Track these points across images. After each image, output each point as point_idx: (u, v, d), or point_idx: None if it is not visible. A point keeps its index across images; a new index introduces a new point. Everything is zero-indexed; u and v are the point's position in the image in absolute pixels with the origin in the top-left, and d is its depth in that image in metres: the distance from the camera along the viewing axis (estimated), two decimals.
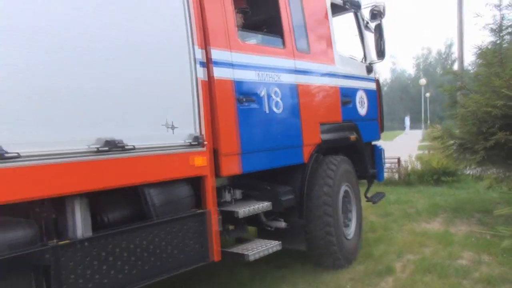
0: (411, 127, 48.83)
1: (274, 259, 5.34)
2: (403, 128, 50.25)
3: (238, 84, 4.19)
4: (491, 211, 7.49)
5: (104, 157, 3.07)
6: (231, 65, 4.13)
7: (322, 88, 5.37)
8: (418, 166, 11.92)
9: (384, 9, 6.25)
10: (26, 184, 2.66)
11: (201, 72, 3.80)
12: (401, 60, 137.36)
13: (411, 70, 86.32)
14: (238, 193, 4.59)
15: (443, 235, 6.42)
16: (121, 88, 3.19)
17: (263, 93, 4.45)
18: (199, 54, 3.79)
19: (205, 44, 3.90)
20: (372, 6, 6.38)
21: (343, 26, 7.09)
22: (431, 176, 11.23)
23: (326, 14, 5.69)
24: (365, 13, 6.65)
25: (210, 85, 3.91)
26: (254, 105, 4.34)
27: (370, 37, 6.82)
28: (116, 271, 3.14)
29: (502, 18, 7.28)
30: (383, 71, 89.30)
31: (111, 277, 3.10)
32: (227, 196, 4.45)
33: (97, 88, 3.04)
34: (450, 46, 71.38)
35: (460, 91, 8.20)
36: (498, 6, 7.27)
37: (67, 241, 2.93)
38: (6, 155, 2.55)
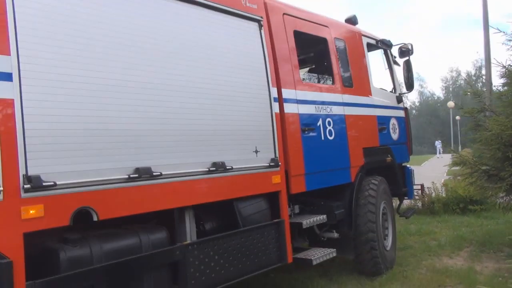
0: (443, 151, 48.25)
1: None
2: (433, 152, 48.42)
3: (302, 116, 5.08)
4: None
5: (212, 176, 3.93)
6: (296, 101, 5.04)
7: (363, 117, 6.23)
8: (443, 193, 11.06)
9: (412, 48, 7.14)
10: (166, 197, 3.52)
11: (276, 107, 4.70)
12: (429, 83, 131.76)
13: (439, 93, 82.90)
14: (296, 208, 5.40)
15: (466, 273, 5.84)
16: (226, 125, 4.14)
17: (320, 123, 5.32)
18: (274, 93, 4.70)
19: (278, 85, 4.81)
20: (401, 44, 7.28)
21: (373, 61, 7.92)
22: (457, 204, 10.37)
23: (364, 52, 6.59)
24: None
25: (282, 118, 4.80)
26: (313, 134, 5.22)
27: (396, 71, 7.69)
28: (220, 267, 3.95)
29: None
30: (411, 94, 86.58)
31: (216, 272, 3.91)
32: (288, 210, 5.25)
33: (208, 125, 3.97)
34: (480, 68, 65.06)
35: (482, 112, 7.65)
36: None
37: (189, 242, 3.76)
38: (154, 174, 3.42)
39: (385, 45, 7.18)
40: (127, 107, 3.29)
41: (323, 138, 5.37)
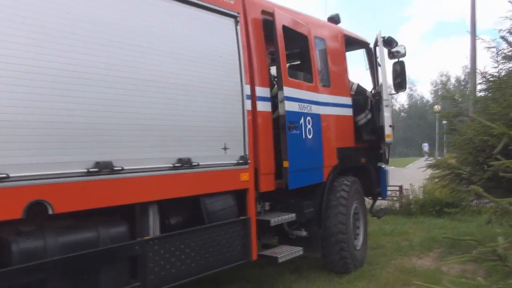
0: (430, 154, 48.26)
1: None
2: (420, 155, 49.42)
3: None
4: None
5: (177, 172, 3.92)
6: (270, 99, 5.02)
7: (340, 117, 6.24)
8: (421, 195, 11.32)
9: (405, 50, 6.98)
10: (127, 192, 3.51)
11: (248, 105, 4.69)
12: (419, 86, 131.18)
13: (428, 96, 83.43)
14: (267, 205, 5.42)
15: (432, 274, 5.99)
16: (194, 121, 4.11)
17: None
18: (247, 90, 4.68)
19: (251, 83, 4.80)
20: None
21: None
22: (433, 206, 10.60)
23: (343, 52, 6.58)
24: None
25: (254, 115, 4.80)
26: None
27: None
28: (181, 263, 3.96)
29: None
30: (401, 97, 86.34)
31: (177, 267, 3.92)
32: (258, 207, 5.26)
33: (175, 121, 3.94)
34: (469, 73, 65.18)
35: (458, 117, 7.57)
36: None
37: (150, 237, 3.76)
38: (115, 168, 3.40)
39: (386, 45, 7.05)
40: (88, 100, 3.25)
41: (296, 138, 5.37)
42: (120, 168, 3.42)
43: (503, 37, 3.25)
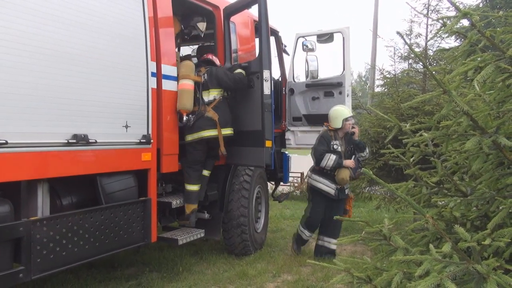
0: None
1: None
2: None
3: None
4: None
5: (72, 149, 3.66)
6: (176, 79, 4.87)
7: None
8: None
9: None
10: (11, 168, 3.18)
11: (153, 83, 4.51)
12: None
13: None
14: (169, 187, 5.30)
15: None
16: (93, 95, 3.86)
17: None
18: (153, 67, 4.49)
19: (157, 60, 4.61)
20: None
21: None
22: None
23: (254, 36, 6.61)
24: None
25: (158, 94, 4.63)
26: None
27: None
28: (73, 245, 3.72)
29: (411, 46, 7.55)
30: None
31: (69, 250, 3.67)
32: (160, 189, 5.13)
33: (71, 94, 3.65)
34: (369, 70, 70.52)
35: (356, 109, 8.35)
36: (409, 35, 7.96)
37: (37, 217, 3.46)
38: None
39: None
40: None
41: None
42: (3, 141, 3.09)
43: (398, 33, 3.54)
